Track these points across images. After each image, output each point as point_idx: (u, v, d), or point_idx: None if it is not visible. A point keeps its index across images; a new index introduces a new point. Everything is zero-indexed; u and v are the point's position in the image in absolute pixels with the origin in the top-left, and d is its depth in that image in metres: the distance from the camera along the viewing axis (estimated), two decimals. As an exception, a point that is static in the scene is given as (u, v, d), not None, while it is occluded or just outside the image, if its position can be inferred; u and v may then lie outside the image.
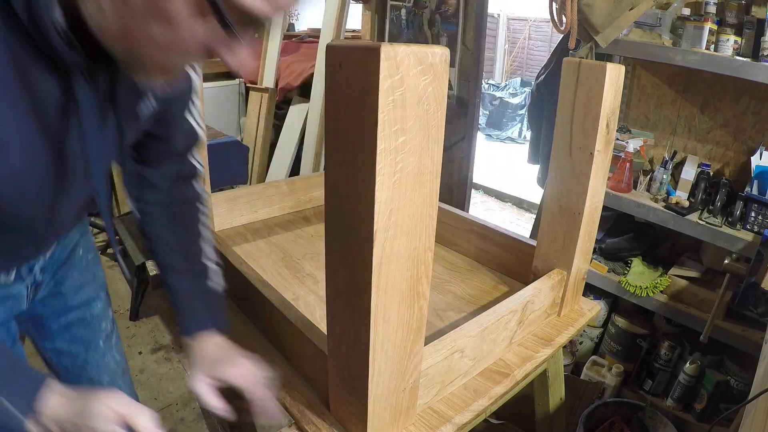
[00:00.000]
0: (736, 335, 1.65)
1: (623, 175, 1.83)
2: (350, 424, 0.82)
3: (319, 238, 1.57)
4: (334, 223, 0.70)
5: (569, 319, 1.20)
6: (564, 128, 1.07)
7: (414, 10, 2.84)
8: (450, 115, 2.69)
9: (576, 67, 1.02)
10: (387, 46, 0.56)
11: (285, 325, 0.98)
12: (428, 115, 0.63)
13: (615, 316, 2.03)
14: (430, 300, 1.09)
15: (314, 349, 0.90)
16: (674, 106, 1.97)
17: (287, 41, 3.80)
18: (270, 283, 1.09)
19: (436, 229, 0.72)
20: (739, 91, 1.81)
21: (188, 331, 0.90)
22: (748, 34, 1.63)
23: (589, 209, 1.10)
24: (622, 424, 1.65)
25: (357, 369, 0.74)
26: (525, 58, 8.76)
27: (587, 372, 1.98)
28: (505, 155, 6.65)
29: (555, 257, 1.17)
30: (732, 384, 1.72)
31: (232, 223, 1.63)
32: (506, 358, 1.04)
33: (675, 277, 1.82)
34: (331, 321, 0.77)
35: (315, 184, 1.80)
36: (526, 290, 1.08)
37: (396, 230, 0.65)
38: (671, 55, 1.65)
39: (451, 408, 0.91)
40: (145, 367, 2.16)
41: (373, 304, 0.67)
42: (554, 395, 1.37)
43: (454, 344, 0.90)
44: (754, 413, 1.06)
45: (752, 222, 1.61)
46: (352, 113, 0.61)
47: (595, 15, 1.72)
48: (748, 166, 1.77)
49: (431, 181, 0.67)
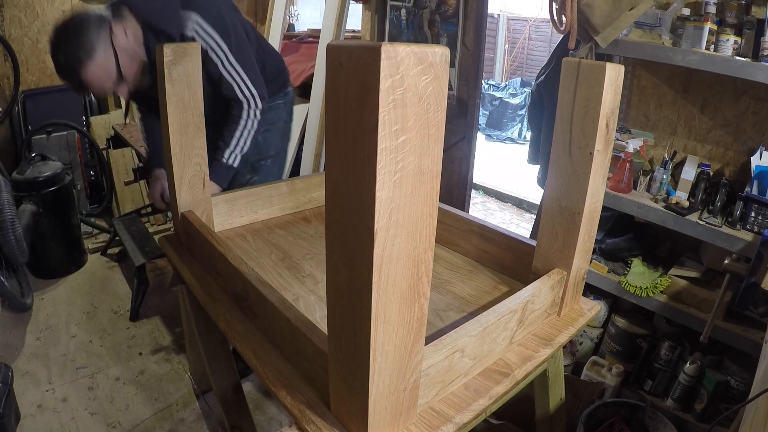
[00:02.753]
0: (736, 335, 1.65)
1: (623, 175, 1.83)
2: (351, 423, 0.82)
3: (319, 238, 1.57)
4: (335, 223, 0.70)
5: (569, 318, 1.20)
6: (564, 128, 1.07)
7: (414, 10, 2.84)
8: (450, 116, 2.69)
9: (576, 67, 1.02)
10: (387, 45, 0.56)
11: (285, 325, 0.99)
12: (428, 114, 0.63)
13: (615, 316, 2.03)
14: (431, 300, 1.10)
15: (314, 348, 0.90)
16: (674, 106, 1.97)
17: (287, 41, 3.80)
18: (270, 283, 1.09)
19: (436, 229, 0.72)
20: (739, 91, 1.81)
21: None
22: (748, 34, 1.63)
23: (589, 209, 1.10)
24: (622, 424, 1.65)
25: (357, 368, 0.74)
26: (525, 58, 8.77)
27: (587, 372, 1.98)
28: (505, 155, 6.65)
29: (555, 257, 1.17)
30: (732, 384, 1.72)
31: (232, 223, 1.63)
32: (506, 357, 1.04)
33: (675, 278, 1.82)
34: (331, 321, 0.77)
35: (315, 185, 1.80)
36: (526, 290, 1.08)
37: (396, 230, 0.65)
38: (671, 55, 1.65)
39: (451, 408, 0.91)
40: (146, 368, 2.16)
41: (373, 303, 0.67)
42: (554, 395, 1.37)
43: (454, 344, 0.90)
44: (754, 413, 1.06)
45: (752, 222, 1.61)
46: (352, 113, 0.61)
47: (595, 15, 1.72)
48: (748, 166, 1.77)
49: (431, 180, 0.67)
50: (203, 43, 1.57)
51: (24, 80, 3.34)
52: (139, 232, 2.70)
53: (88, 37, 1.45)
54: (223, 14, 1.61)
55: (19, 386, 1.98)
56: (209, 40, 1.58)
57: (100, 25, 1.47)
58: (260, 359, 1.02)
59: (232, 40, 1.61)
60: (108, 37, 1.49)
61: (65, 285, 2.78)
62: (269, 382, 0.96)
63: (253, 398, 2.02)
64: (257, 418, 1.92)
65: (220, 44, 1.59)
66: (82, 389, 2.03)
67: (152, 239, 2.60)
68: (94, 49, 1.46)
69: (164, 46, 1.26)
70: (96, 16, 1.48)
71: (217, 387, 1.47)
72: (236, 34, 1.64)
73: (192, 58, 1.31)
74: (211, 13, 1.58)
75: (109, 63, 1.50)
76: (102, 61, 1.48)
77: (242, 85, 1.65)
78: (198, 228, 1.34)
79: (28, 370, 2.12)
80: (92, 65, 1.47)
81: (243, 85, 1.65)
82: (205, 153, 1.42)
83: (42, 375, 2.10)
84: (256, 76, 1.69)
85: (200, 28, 1.56)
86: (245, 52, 1.67)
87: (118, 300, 2.65)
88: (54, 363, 2.17)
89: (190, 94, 1.33)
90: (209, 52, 1.59)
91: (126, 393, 2.03)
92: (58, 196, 2.73)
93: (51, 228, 2.73)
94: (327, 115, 0.66)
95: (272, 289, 1.07)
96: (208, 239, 1.28)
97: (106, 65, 1.49)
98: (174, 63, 1.28)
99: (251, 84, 1.67)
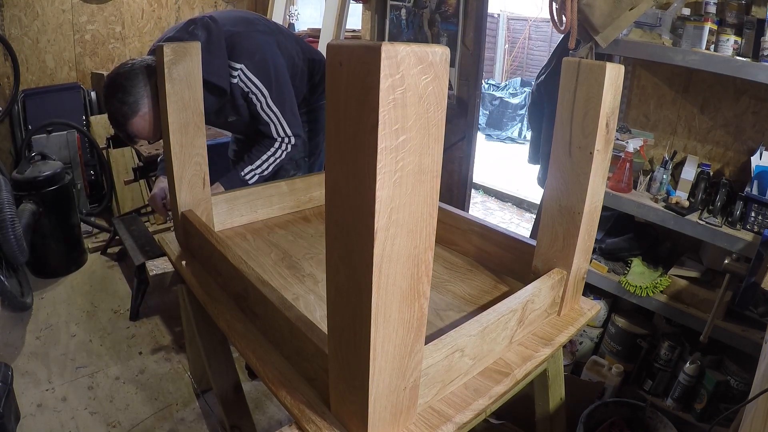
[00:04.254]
0: (736, 335, 1.65)
1: (623, 175, 1.83)
2: (351, 423, 0.82)
3: (319, 238, 1.57)
4: (335, 222, 0.70)
5: (569, 318, 1.20)
6: (564, 128, 1.07)
7: (414, 10, 2.84)
8: (450, 115, 2.69)
9: (576, 67, 1.02)
10: (388, 45, 0.56)
11: (285, 325, 0.99)
12: (429, 114, 0.63)
13: (615, 316, 2.03)
14: (431, 300, 1.10)
15: (315, 348, 0.90)
16: (674, 106, 1.97)
17: (287, 41, 3.79)
18: (270, 283, 1.09)
19: (436, 228, 0.72)
20: (739, 91, 1.81)
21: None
22: (748, 34, 1.63)
23: (589, 209, 1.10)
24: (622, 424, 1.65)
25: (357, 368, 0.74)
26: (525, 58, 8.76)
27: (587, 372, 1.98)
28: (505, 155, 6.65)
29: (555, 257, 1.17)
30: (732, 384, 1.72)
31: (233, 223, 1.63)
32: (506, 357, 1.04)
33: (675, 277, 1.82)
34: (331, 320, 0.77)
35: (315, 184, 1.80)
36: (526, 290, 1.08)
37: (396, 229, 0.65)
38: (671, 55, 1.65)
39: (451, 407, 0.91)
40: (146, 368, 2.16)
41: (373, 303, 0.67)
42: (554, 395, 1.37)
43: (454, 343, 0.90)
44: (754, 413, 1.06)
45: (752, 222, 1.61)
46: (352, 112, 0.61)
47: (595, 15, 1.72)
48: (748, 166, 1.77)
49: (432, 179, 0.67)
50: (245, 88, 1.71)
51: (24, 80, 3.35)
52: (139, 231, 2.70)
53: (134, 94, 1.51)
54: (267, 59, 1.73)
55: (19, 386, 1.98)
56: (251, 86, 1.71)
57: (147, 79, 1.52)
58: (260, 359, 1.02)
59: (273, 85, 1.74)
60: (153, 91, 1.53)
61: (65, 284, 2.78)
62: (269, 382, 0.96)
63: (253, 398, 2.02)
64: (257, 418, 1.92)
65: (261, 89, 1.72)
66: (82, 389, 2.03)
67: (152, 239, 2.60)
68: (138, 105, 1.52)
69: (164, 45, 1.26)
70: (143, 69, 1.53)
71: (217, 387, 1.47)
72: (278, 78, 1.76)
73: (192, 58, 1.31)
74: (255, 60, 1.70)
75: (154, 116, 1.55)
76: (147, 116, 1.54)
77: (278, 126, 1.78)
78: (198, 227, 1.34)
79: (28, 369, 2.12)
80: (137, 119, 1.53)
81: (279, 126, 1.78)
82: (205, 153, 1.43)
83: (42, 374, 2.10)
84: (293, 118, 1.81)
85: (244, 76, 1.69)
86: (285, 95, 1.79)
87: (118, 299, 2.65)
88: (54, 362, 2.17)
89: (190, 93, 1.33)
90: (250, 95, 1.72)
91: (126, 392, 2.03)
92: (58, 196, 2.73)
93: (51, 227, 2.73)
94: (327, 115, 0.66)
95: (272, 289, 1.07)
96: (208, 239, 1.28)
97: (151, 119, 1.55)
98: (174, 63, 1.28)
99: (287, 125, 1.79)
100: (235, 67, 1.67)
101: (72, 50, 3.52)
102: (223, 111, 1.77)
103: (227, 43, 1.66)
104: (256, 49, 1.71)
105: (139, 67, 1.53)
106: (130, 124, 1.54)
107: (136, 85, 1.51)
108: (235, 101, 1.73)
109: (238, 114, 1.79)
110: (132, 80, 1.51)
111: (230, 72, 1.67)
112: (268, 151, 1.80)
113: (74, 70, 3.57)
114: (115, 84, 1.52)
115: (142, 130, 1.57)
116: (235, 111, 1.78)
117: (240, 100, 1.73)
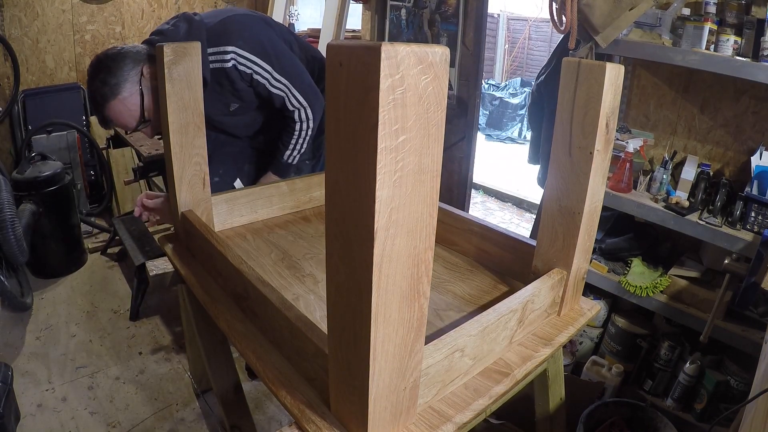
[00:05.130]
0: (736, 335, 1.65)
1: (623, 175, 1.83)
2: (351, 423, 0.82)
3: (319, 238, 1.57)
4: (335, 222, 0.70)
5: (569, 318, 1.20)
6: (564, 128, 1.07)
7: (414, 10, 2.84)
8: (450, 115, 2.69)
9: (576, 67, 1.02)
10: (387, 45, 0.56)
11: (285, 325, 0.99)
12: (428, 114, 0.63)
13: (615, 316, 2.03)
14: (431, 300, 1.10)
15: (315, 348, 0.90)
16: (674, 106, 1.97)
17: (287, 41, 3.79)
18: (270, 283, 1.09)
19: (436, 228, 0.72)
20: (739, 91, 1.81)
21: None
22: (748, 34, 1.63)
23: (589, 209, 1.10)
24: (622, 424, 1.65)
25: (358, 368, 0.74)
26: (525, 58, 8.77)
27: (587, 372, 1.98)
28: (505, 155, 6.65)
29: (555, 257, 1.17)
30: (732, 384, 1.72)
31: (232, 223, 1.63)
32: (506, 357, 1.04)
33: (675, 277, 1.82)
34: (331, 320, 0.77)
35: (315, 184, 1.80)
36: (526, 290, 1.08)
37: (396, 229, 0.65)
38: (671, 55, 1.65)
39: (451, 407, 0.91)
40: (146, 368, 2.16)
41: (373, 303, 0.67)
42: (554, 395, 1.37)
43: (454, 343, 0.90)
44: (754, 413, 1.06)
45: (752, 222, 1.61)
46: (352, 112, 0.61)
47: (595, 15, 1.72)
48: (748, 166, 1.77)
49: (431, 179, 0.67)
50: (247, 70, 1.64)
51: (24, 80, 3.35)
52: (139, 231, 2.70)
53: (117, 76, 1.48)
54: (262, 39, 1.67)
55: (19, 386, 1.98)
56: (252, 66, 1.64)
57: (133, 65, 1.49)
58: (260, 359, 1.02)
59: (273, 59, 1.68)
60: (137, 78, 1.51)
61: (65, 284, 2.78)
62: (269, 382, 0.96)
63: (253, 398, 2.02)
64: (257, 418, 1.92)
65: (263, 66, 1.66)
66: (81, 389, 2.03)
67: (152, 239, 2.60)
68: (119, 88, 1.48)
69: (164, 45, 1.26)
70: (132, 54, 1.50)
71: (217, 387, 1.47)
72: (276, 51, 1.70)
73: (192, 58, 1.31)
74: (246, 37, 1.65)
75: (134, 103, 1.52)
76: (126, 101, 1.51)
77: (291, 97, 1.74)
78: (198, 227, 1.34)
79: (28, 369, 2.12)
80: (115, 102, 1.50)
81: (292, 96, 1.74)
82: (206, 153, 1.42)
83: (42, 374, 2.10)
84: (304, 86, 1.77)
85: (240, 57, 1.63)
86: (290, 65, 1.74)
87: (118, 299, 2.65)
88: (54, 362, 2.17)
89: (190, 94, 1.33)
90: (254, 76, 1.66)
91: (126, 392, 2.03)
92: (58, 196, 2.73)
93: (51, 227, 2.73)
94: (327, 115, 0.66)
95: (272, 289, 1.07)
96: (208, 239, 1.28)
97: (130, 105, 1.52)
98: (174, 63, 1.28)
99: (300, 95, 1.75)
100: (227, 51, 1.61)
101: (72, 50, 3.53)
102: (220, 99, 1.72)
103: (215, 31, 1.62)
104: (243, 28, 1.66)
105: (128, 52, 1.50)
106: (107, 107, 1.50)
107: (122, 68, 1.48)
108: (234, 85, 1.67)
109: (241, 99, 1.74)
110: (118, 62, 1.48)
111: (222, 57, 1.61)
112: (294, 132, 1.80)
113: (74, 71, 3.57)
114: (100, 64, 1.49)
115: (119, 115, 1.52)
116: (237, 97, 1.73)
117: (239, 83, 1.67)
